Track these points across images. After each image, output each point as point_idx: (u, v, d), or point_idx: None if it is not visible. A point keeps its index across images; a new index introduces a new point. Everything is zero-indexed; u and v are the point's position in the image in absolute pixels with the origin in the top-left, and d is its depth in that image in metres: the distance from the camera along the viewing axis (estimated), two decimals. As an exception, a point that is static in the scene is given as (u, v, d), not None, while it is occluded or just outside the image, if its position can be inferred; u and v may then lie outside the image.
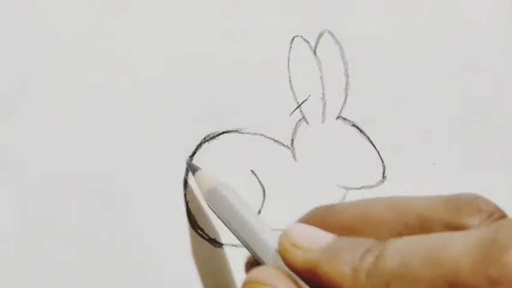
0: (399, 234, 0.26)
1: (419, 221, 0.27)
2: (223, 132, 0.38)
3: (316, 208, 0.30)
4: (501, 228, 0.23)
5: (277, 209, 0.38)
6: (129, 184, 0.37)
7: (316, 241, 0.27)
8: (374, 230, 0.27)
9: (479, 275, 0.22)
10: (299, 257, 0.27)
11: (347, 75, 0.39)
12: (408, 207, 0.27)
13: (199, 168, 0.36)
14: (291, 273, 0.28)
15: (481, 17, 0.40)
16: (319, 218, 0.30)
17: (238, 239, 0.32)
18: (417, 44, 0.40)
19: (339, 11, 0.39)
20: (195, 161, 0.37)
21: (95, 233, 0.36)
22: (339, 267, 0.25)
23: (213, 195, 0.34)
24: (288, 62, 0.39)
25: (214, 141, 0.38)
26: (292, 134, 0.38)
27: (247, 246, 0.32)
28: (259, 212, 0.38)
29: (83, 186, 0.36)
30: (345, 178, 0.39)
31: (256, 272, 0.28)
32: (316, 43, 0.39)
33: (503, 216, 0.26)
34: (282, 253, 0.28)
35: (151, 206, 0.37)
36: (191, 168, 0.36)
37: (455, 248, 0.23)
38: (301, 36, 0.39)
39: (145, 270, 0.36)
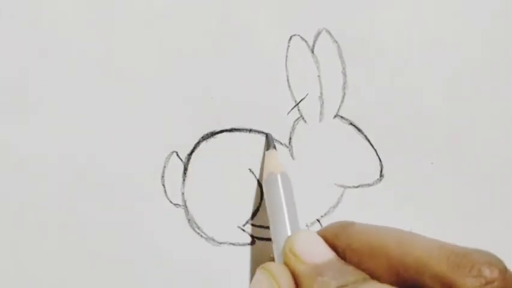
0: (396, 274, 0.27)
1: (415, 266, 0.26)
2: (221, 131, 0.38)
3: (342, 221, 0.31)
4: None
5: (275, 207, 0.38)
6: (127, 182, 0.37)
7: (312, 255, 0.29)
8: (376, 262, 0.28)
9: None
10: (291, 264, 0.29)
11: (344, 74, 0.39)
12: (411, 247, 0.27)
13: (275, 149, 0.37)
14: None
15: (480, 15, 0.40)
16: (333, 233, 0.31)
17: (270, 229, 0.34)
18: (415, 42, 0.40)
19: (337, 10, 0.39)
20: (193, 159, 0.38)
21: (94, 231, 0.36)
22: None
23: (271, 178, 0.35)
24: (286, 60, 0.39)
25: (212, 139, 0.38)
26: (290, 133, 0.38)
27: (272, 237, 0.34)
28: (258, 210, 0.38)
29: (80, 182, 0.36)
30: (343, 177, 0.39)
31: (268, 263, 0.31)
32: (314, 42, 0.39)
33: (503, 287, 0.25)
34: (283, 254, 0.30)
35: (148, 205, 0.37)
36: (270, 142, 0.37)
37: None
38: (299, 35, 0.39)
39: (142, 268, 0.36)
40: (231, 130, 0.38)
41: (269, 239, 0.37)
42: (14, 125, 0.36)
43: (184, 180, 0.37)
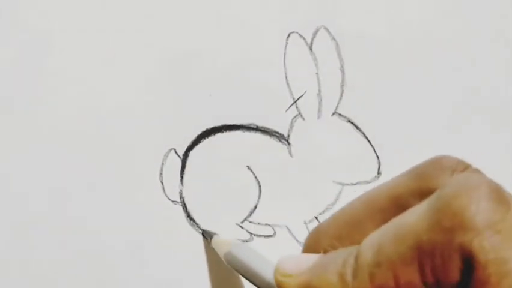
0: (384, 222, 0.27)
1: (391, 202, 0.27)
2: (219, 128, 0.38)
3: (308, 234, 0.31)
4: (444, 186, 0.24)
5: (273, 204, 0.38)
6: (125, 179, 0.37)
7: (302, 264, 0.28)
8: (361, 230, 0.28)
9: (435, 231, 0.23)
10: (292, 284, 0.28)
11: (342, 72, 0.39)
12: (377, 194, 0.28)
13: (215, 234, 0.37)
14: None
15: (479, 13, 0.40)
16: (313, 242, 0.30)
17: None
18: (413, 40, 0.40)
19: (335, 7, 0.39)
20: (192, 157, 0.38)
21: (92, 227, 0.36)
22: (327, 279, 0.27)
23: (230, 257, 0.34)
24: (284, 58, 0.39)
25: (210, 137, 0.38)
26: (288, 130, 0.38)
27: None
28: (255, 207, 0.38)
29: (80, 178, 0.36)
30: (341, 174, 0.39)
31: None
32: (313, 39, 0.39)
33: (466, 167, 0.26)
34: (278, 285, 0.29)
35: (147, 202, 0.37)
36: (207, 235, 0.37)
37: (412, 218, 0.24)
38: (297, 32, 0.39)
39: (141, 264, 0.36)
40: (228, 127, 0.38)
41: (267, 236, 0.37)
42: (13, 123, 0.36)
43: (182, 177, 0.37)
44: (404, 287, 0.24)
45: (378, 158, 0.39)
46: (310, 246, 0.30)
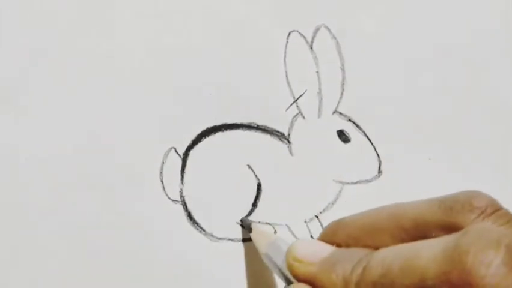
0: (402, 240, 0.27)
1: (415, 225, 0.27)
2: (219, 127, 0.38)
3: (330, 223, 0.32)
4: (465, 233, 0.24)
5: (273, 203, 0.38)
6: (126, 178, 0.37)
7: (315, 255, 0.29)
8: (377, 238, 0.29)
9: (442, 280, 0.23)
10: (300, 270, 0.29)
11: (343, 70, 0.39)
12: (404, 213, 0.28)
13: (253, 222, 0.37)
14: None
15: (478, 12, 0.40)
16: (330, 232, 0.31)
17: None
18: (413, 39, 0.40)
19: (336, 6, 0.39)
20: (192, 155, 0.37)
21: (93, 227, 0.36)
22: (333, 279, 0.27)
23: (272, 248, 0.34)
24: (285, 56, 0.39)
25: (210, 135, 0.38)
26: (289, 129, 0.38)
27: None
28: (255, 206, 0.38)
29: (78, 178, 0.36)
30: (341, 173, 0.39)
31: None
32: (313, 38, 0.39)
33: (496, 210, 0.26)
34: (288, 267, 0.30)
35: (147, 200, 0.37)
36: (245, 225, 0.37)
37: (425, 254, 0.24)
38: (297, 30, 0.39)
39: (141, 264, 0.36)
40: (229, 126, 0.38)
41: (267, 235, 0.37)
42: (12, 123, 0.36)
43: (182, 176, 0.37)
44: None
45: (378, 156, 0.39)
46: (327, 235, 0.31)
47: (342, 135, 0.39)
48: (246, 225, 0.37)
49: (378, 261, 0.26)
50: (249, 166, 0.38)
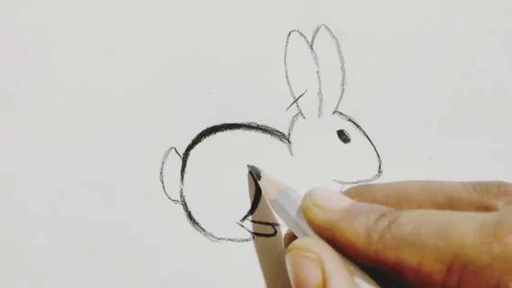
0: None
1: (448, 201, 0.28)
2: (219, 127, 0.38)
3: (353, 186, 0.32)
4: (507, 212, 0.25)
5: (273, 203, 0.38)
6: (126, 178, 0.37)
7: (336, 203, 0.28)
8: (405, 207, 0.28)
9: (482, 250, 0.24)
10: (319, 216, 0.29)
11: (343, 70, 0.39)
12: (439, 189, 0.29)
13: (261, 170, 0.36)
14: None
15: (478, 12, 0.40)
16: (353, 193, 0.31)
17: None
18: (413, 39, 0.40)
19: (336, 6, 0.39)
20: (192, 155, 0.38)
21: (93, 227, 0.36)
22: (354, 228, 0.27)
23: (281, 196, 0.34)
24: (285, 56, 0.39)
25: (210, 135, 0.38)
26: (289, 129, 0.38)
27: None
28: (256, 205, 0.38)
29: (81, 181, 0.36)
30: (341, 173, 0.39)
31: (299, 241, 0.29)
32: (313, 38, 0.39)
33: None
34: (304, 211, 0.29)
35: (148, 201, 0.37)
36: (255, 172, 0.37)
37: (463, 225, 0.25)
38: (298, 30, 0.39)
39: (142, 263, 0.37)
40: (229, 126, 0.38)
41: (267, 235, 0.37)
42: (13, 121, 0.36)
43: (182, 176, 0.37)
44: (422, 277, 0.25)
45: (379, 156, 0.39)
46: (350, 194, 0.31)
47: (342, 135, 0.39)
48: (255, 173, 0.37)
49: (409, 219, 0.26)
50: (248, 166, 0.38)
